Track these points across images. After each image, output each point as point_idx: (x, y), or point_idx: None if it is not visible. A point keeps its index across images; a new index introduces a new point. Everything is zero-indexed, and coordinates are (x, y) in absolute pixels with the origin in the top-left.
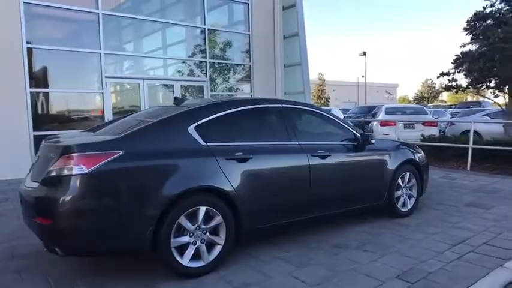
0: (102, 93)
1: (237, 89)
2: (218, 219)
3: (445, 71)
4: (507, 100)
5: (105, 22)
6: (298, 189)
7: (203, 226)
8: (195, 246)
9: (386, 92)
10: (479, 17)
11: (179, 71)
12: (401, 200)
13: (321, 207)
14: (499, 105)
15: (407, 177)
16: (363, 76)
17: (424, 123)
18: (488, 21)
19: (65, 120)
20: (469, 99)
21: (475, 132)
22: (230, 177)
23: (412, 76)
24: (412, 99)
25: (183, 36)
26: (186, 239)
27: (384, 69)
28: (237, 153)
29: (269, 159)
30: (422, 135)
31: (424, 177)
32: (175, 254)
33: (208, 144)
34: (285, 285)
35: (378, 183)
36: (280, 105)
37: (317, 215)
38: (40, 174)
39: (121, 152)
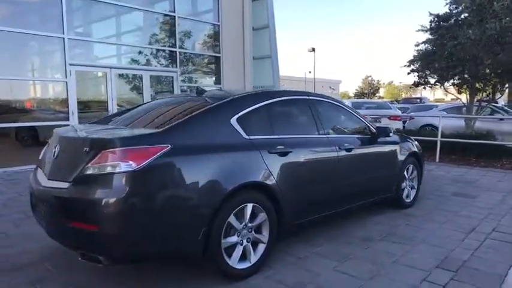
0: (66, 82)
1: (207, 80)
2: (262, 216)
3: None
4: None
5: (69, 4)
6: (329, 183)
7: (249, 224)
8: (242, 246)
9: (330, 87)
10: (442, 18)
11: (148, 60)
12: (406, 191)
13: (347, 200)
14: (462, 101)
15: (411, 169)
16: (310, 72)
17: (390, 118)
18: (450, 22)
19: (21, 111)
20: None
21: (434, 126)
22: (273, 172)
23: (354, 73)
24: (352, 95)
25: (152, 24)
26: (234, 239)
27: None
28: (278, 147)
29: (305, 152)
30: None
31: (422, 169)
32: (224, 255)
33: (250, 137)
34: (339, 281)
35: (390, 176)
36: (307, 97)
37: (344, 207)
38: (68, 171)
39: (169, 146)
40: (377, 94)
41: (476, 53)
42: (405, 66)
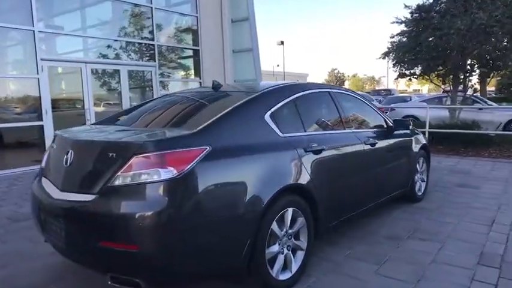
0: (38, 78)
1: (186, 74)
2: (301, 221)
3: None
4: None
5: None
6: (358, 180)
7: (290, 231)
8: (283, 255)
9: (297, 81)
10: (424, 9)
11: (126, 55)
12: (418, 184)
13: (374, 197)
14: (446, 91)
15: (421, 161)
16: (278, 65)
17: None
18: (431, 13)
19: None
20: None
21: (415, 117)
22: (310, 171)
23: (320, 66)
24: None
25: (129, 16)
26: (276, 248)
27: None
28: (312, 145)
29: (336, 149)
30: None
31: (429, 161)
32: (268, 267)
33: (285, 135)
34: (389, 287)
35: (407, 169)
36: (330, 90)
37: (371, 205)
38: (91, 181)
39: (208, 148)
40: (343, 86)
41: (463, 44)
42: (380, 58)
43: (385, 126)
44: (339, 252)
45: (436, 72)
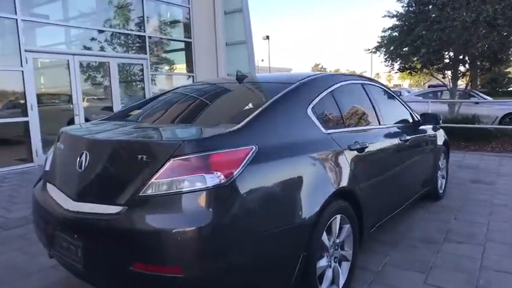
0: (22, 71)
1: (178, 67)
2: (347, 228)
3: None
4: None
5: None
6: (395, 179)
7: (337, 240)
8: (331, 269)
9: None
10: (421, 2)
11: (116, 47)
12: (439, 181)
13: (406, 196)
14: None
15: (442, 158)
16: (262, 60)
17: None
18: (428, 6)
19: None
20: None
21: None
22: (355, 173)
23: (304, 61)
24: None
25: (119, 6)
26: (324, 262)
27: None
28: (356, 142)
29: (376, 147)
30: None
31: (448, 157)
32: (318, 284)
33: (328, 131)
34: None
35: (432, 166)
36: (362, 81)
37: (405, 205)
38: (116, 190)
39: (255, 148)
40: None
41: (466, 36)
42: (371, 52)
43: (412, 120)
44: (375, 260)
45: (435, 66)
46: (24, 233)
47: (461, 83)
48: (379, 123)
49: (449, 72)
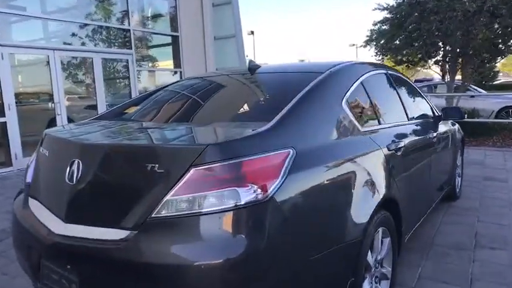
0: None
1: (165, 63)
2: (387, 242)
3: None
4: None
5: None
6: (425, 180)
7: (378, 257)
8: None
9: None
10: None
11: (99, 41)
12: (456, 180)
13: (434, 199)
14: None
15: (459, 155)
16: (247, 56)
17: None
18: None
19: None
20: None
21: None
22: (395, 176)
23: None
24: None
25: None
26: (367, 285)
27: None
28: (394, 141)
29: (410, 145)
30: None
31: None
32: None
33: (365, 129)
34: None
35: (452, 165)
36: (386, 71)
37: (431, 208)
38: (120, 209)
39: (292, 152)
40: None
41: (467, 27)
42: (362, 46)
43: (433, 115)
44: (408, 272)
45: (433, 60)
46: (2, 249)
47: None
48: (407, 118)
49: (444, 65)
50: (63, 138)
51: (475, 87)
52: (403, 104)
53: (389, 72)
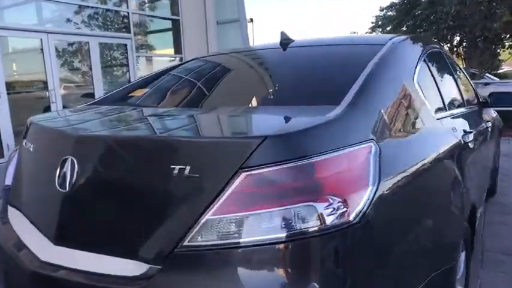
0: None
1: (166, 48)
2: (462, 257)
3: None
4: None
5: None
6: (481, 175)
7: (457, 277)
8: None
9: None
10: None
11: (96, 25)
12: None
13: (484, 197)
14: None
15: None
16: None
17: None
18: None
19: None
20: None
21: None
22: (470, 176)
23: None
24: None
25: None
26: None
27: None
28: (465, 131)
29: (473, 137)
30: None
31: None
32: None
33: (437, 115)
34: None
35: (495, 157)
36: (439, 48)
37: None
38: (133, 233)
39: (374, 146)
40: None
41: (489, 9)
42: (367, 33)
43: (478, 101)
44: (471, 286)
45: (449, 44)
46: None
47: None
48: (465, 104)
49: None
50: (52, 128)
51: (490, 76)
52: (458, 88)
53: (442, 50)
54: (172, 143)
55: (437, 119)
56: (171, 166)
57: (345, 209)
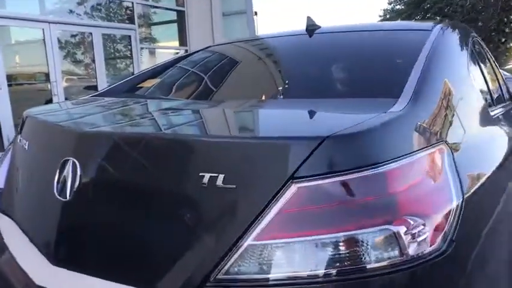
0: None
1: (170, 40)
2: None
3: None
4: None
5: None
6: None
7: None
8: None
9: None
10: None
11: (99, 15)
12: None
13: None
14: None
15: None
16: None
17: None
18: None
19: None
20: None
21: None
22: None
23: None
24: None
25: None
26: None
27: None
28: None
29: None
30: None
31: None
32: None
33: (492, 110)
34: None
35: None
36: (477, 36)
37: None
38: (146, 255)
39: (446, 149)
40: None
41: (504, 3)
42: None
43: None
44: None
45: None
46: None
47: None
48: (504, 99)
49: None
50: (51, 122)
51: (504, 72)
52: (498, 81)
53: (479, 39)
54: (201, 144)
55: (493, 116)
56: (200, 174)
57: (429, 233)
